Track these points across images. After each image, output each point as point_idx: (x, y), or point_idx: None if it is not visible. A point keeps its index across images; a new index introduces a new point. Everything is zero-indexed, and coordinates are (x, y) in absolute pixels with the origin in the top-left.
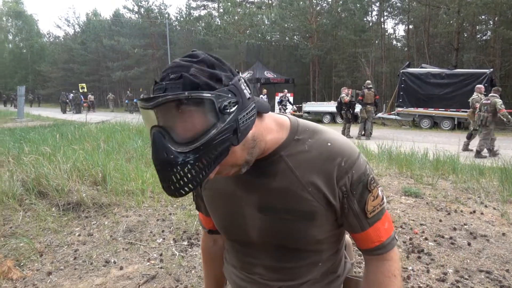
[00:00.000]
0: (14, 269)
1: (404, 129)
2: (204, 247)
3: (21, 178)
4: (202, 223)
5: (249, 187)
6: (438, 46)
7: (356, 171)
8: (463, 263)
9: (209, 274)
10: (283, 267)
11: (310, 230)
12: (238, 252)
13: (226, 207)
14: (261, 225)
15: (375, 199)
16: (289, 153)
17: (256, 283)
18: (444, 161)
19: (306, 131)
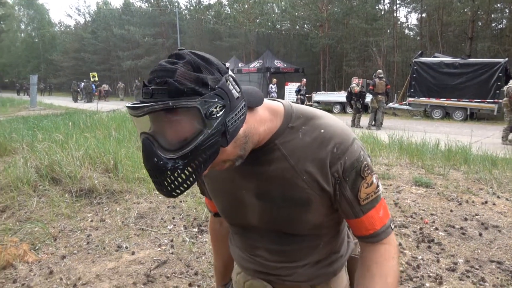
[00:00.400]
0: (30, 253)
1: (415, 120)
2: (212, 228)
3: (35, 164)
4: (208, 206)
5: (247, 175)
6: (451, 35)
7: (349, 157)
8: (474, 253)
9: (218, 253)
10: (284, 250)
11: (306, 216)
12: (241, 236)
13: (227, 194)
14: (260, 212)
15: (369, 186)
16: (283, 141)
17: (258, 264)
18: (456, 151)
19: (300, 118)
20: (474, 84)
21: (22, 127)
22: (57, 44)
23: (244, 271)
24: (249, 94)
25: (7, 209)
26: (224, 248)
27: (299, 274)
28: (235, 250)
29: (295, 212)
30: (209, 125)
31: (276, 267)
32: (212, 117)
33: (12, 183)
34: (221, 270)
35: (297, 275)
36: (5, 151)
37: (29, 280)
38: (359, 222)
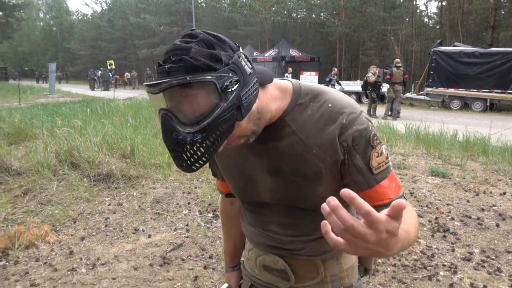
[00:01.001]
0: (51, 233)
1: (433, 110)
2: (223, 209)
3: (55, 150)
4: (219, 187)
5: (259, 152)
6: (472, 24)
7: (358, 127)
8: (490, 243)
9: (228, 235)
10: (296, 224)
11: (316, 189)
12: (253, 212)
13: (240, 172)
14: (272, 187)
15: (380, 156)
16: (292, 118)
17: (271, 239)
18: (474, 142)
19: (308, 95)
20: (495, 74)
21: (42, 113)
22: (75, 32)
23: (256, 247)
24: (260, 72)
25: (29, 192)
26: (234, 230)
27: (311, 248)
28: (247, 227)
29: (306, 186)
30: (224, 99)
31: (288, 241)
32: (227, 91)
33: (33, 167)
34: (231, 252)
35: (308, 249)
36: (26, 136)
37: (50, 259)
38: (373, 191)
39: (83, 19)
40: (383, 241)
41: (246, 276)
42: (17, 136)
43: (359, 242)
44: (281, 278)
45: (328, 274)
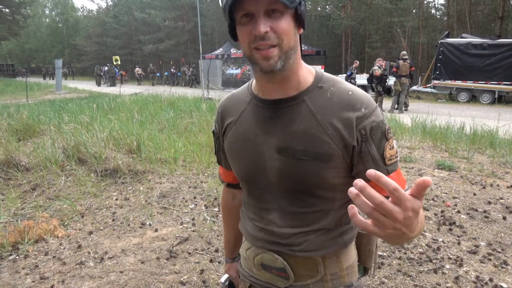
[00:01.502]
0: (59, 228)
1: (440, 103)
2: (224, 201)
3: (62, 145)
4: (221, 177)
5: (270, 130)
6: (480, 15)
7: (376, 118)
8: (496, 236)
9: (229, 226)
10: (297, 212)
11: (326, 172)
12: (255, 198)
13: (247, 152)
14: (279, 167)
15: (392, 149)
16: (311, 98)
17: (270, 233)
18: (481, 135)
19: (330, 81)
20: (503, 66)
21: (49, 109)
22: (80, 29)
23: (255, 245)
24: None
25: (37, 187)
26: (235, 221)
27: (310, 242)
28: (246, 223)
29: (315, 166)
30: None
31: (288, 234)
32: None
33: (41, 162)
34: (231, 242)
35: (308, 243)
36: (34, 132)
37: (59, 253)
38: None
39: (89, 15)
40: (408, 219)
41: (244, 276)
42: (25, 132)
43: (387, 222)
44: (280, 276)
45: (327, 272)
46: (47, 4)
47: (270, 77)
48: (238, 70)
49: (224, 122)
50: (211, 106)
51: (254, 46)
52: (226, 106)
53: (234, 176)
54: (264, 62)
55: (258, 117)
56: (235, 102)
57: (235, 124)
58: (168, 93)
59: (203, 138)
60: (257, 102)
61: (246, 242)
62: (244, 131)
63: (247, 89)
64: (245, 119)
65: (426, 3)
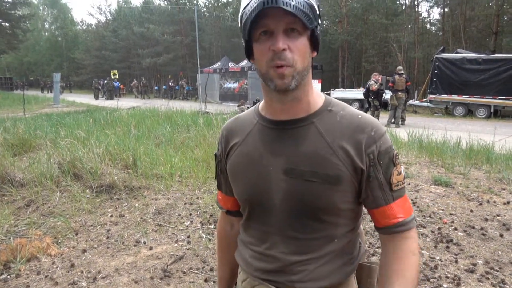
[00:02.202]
0: (53, 246)
1: (436, 117)
2: (221, 231)
3: (58, 160)
4: (220, 203)
5: (277, 151)
6: (475, 30)
7: (384, 143)
8: (494, 254)
9: (225, 259)
10: (300, 238)
11: (334, 195)
12: (257, 221)
13: (252, 173)
14: (286, 188)
15: (399, 175)
16: (320, 121)
17: (271, 260)
18: (477, 150)
19: (339, 105)
20: (498, 81)
21: (46, 124)
22: (79, 42)
23: (251, 275)
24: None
25: (31, 203)
26: (232, 253)
27: (310, 271)
28: (244, 250)
29: (324, 189)
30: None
31: (289, 262)
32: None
33: (36, 178)
34: (227, 278)
35: (307, 272)
36: (30, 147)
37: (51, 272)
38: (389, 209)
39: (88, 29)
40: None
41: None
42: (21, 147)
43: None
44: None
45: None
46: (46, 18)
47: (282, 97)
48: (236, 84)
49: (229, 144)
50: (208, 120)
51: (271, 65)
52: (231, 128)
53: (234, 202)
54: (279, 80)
55: (265, 138)
56: (241, 124)
57: (240, 146)
58: (165, 107)
59: (199, 153)
60: (264, 123)
61: (242, 272)
62: (249, 152)
63: (253, 111)
64: (251, 140)
65: (421, 19)
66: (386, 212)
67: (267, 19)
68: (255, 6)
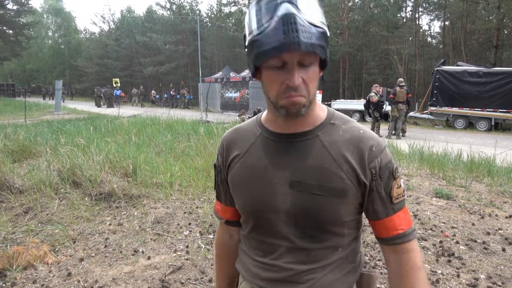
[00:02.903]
0: (50, 254)
1: (437, 129)
2: (220, 241)
3: (57, 168)
4: (218, 214)
5: (281, 164)
6: (475, 43)
7: (384, 157)
8: (496, 269)
9: (223, 271)
10: (307, 248)
11: (340, 208)
12: (262, 233)
13: (256, 185)
14: (292, 201)
15: (399, 188)
16: (325, 134)
17: (275, 269)
18: (479, 163)
19: (341, 119)
20: (499, 94)
21: (46, 130)
22: (82, 50)
23: (254, 284)
24: None
25: (30, 211)
26: (231, 265)
27: (316, 280)
28: (246, 260)
29: (330, 202)
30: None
31: (297, 271)
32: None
33: (35, 185)
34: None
35: (313, 281)
36: (30, 154)
37: (48, 281)
38: (389, 221)
39: (91, 38)
40: None
41: None
42: (21, 153)
43: None
44: None
45: None
46: (50, 26)
47: (290, 119)
48: (237, 94)
49: (230, 155)
50: (209, 129)
51: (284, 96)
52: (232, 138)
53: (233, 212)
54: (292, 106)
55: (269, 150)
56: (242, 135)
57: (242, 157)
58: (166, 116)
59: (200, 162)
60: (268, 136)
61: (245, 283)
62: (252, 164)
63: (255, 122)
64: (254, 152)
65: (422, 32)
66: (387, 224)
67: (284, 53)
68: (275, 45)
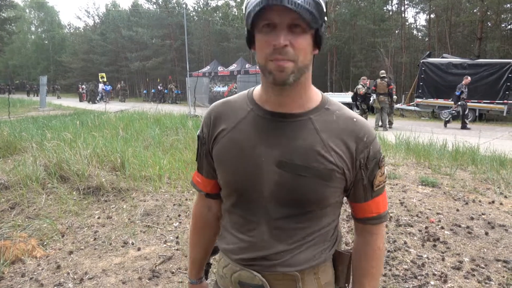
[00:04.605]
0: (38, 248)
1: (423, 120)
2: (198, 212)
3: (44, 163)
4: (198, 186)
5: (271, 143)
6: (460, 36)
7: (373, 148)
8: (479, 252)
9: (199, 242)
10: (287, 228)
11: (324, 191)
12: (244, 210)
13: (243, 162)
14: (277, 181)
15: (382, 176)
16: (318, 118)
17: (254, 246)
18: (463, 152)
19: (335, 105)
20: (483, 85)
21: (31, 126)
22: (67, 45)
23: (233, 261)
24: None
25: (16, 206)
26: (207, 236)
27: (293, 256)
28: (227, 236)
29: (315, 184)
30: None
31: (275, 251)
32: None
33: (21, 180)
34: (201, 261)
35: (290, 257)
36: (15, 149)
37: (37, 274)
38: (366, 205)
39: (75, 32)
40: None
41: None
42: (6, 149)
43: None
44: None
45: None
46: (33, 21)
47: (280, 90)
48: (225, 88)
49: (217, 128)
50: (197, 123)
51: (271, 58)
52: (220, 111)
53: (214, 185)
54: (278, 73)
55: (260, 128)
56: (231, 109)
57: (230, 132)
58: (154, 110)
59: (188, 155)
60: (260, 113)
61: (223, 259)
62: (241, 140)
63: (246, 97)
64: (244, 128)
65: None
66: (364, 207)
67: (272, 13)
68: (259, 1)
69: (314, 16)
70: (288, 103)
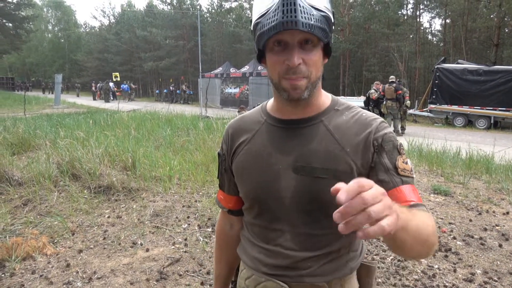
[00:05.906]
0: (49, 245)
1: (437, 127)
2: (221, 230)
3: (57, 161)
4: (221, 203)
5: (286, 149)
6: (476, 42)
7: (388, 132)
8: (492, 264)
9: (223, 259)
10: (311, 234)
11: None
12: (265, 220)
13: (260, 171)
14: (296, 186)
15: (405, 163)
16: (329, 120)
17: (279, 256)
18: (477, 160)
19: (344, 104)
20: (499, 92)
21: (46, 124)
22: (82, 44)
23: (258, 271)
24: None
25: (29, 203)
26: (231, 253)
27: (319, 266)
28: (249, 247)
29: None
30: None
31: (300, 258)
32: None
33: (34, 177)
34: (225, 277)
35: (317, 267)
36: (29, 146)
37: (47, 272)
38: (398, 191)
39: (91, 32)
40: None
41: None
42: (20, 146)
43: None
44: None
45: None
46: (50, 20)
47: (295, 103)
48: (237, 90)
49: (235, 142)
50: (209, 124)
51: (285, 77)
52: (237, 126)
53: (236, 201)
54: (293, 91)
55: (273, 136)
56: (247, 123)
57: (247, 144)
58: (166, 110)
59: (199, 156)
60: (273, 122)
61: (246, 270)
62: (257, 151)
63: (260, 110)
64: (259, 139)
65: (423, 29)
66: (396, 194)
67: (284, 33)
68: (273, 25)
69: (325, 31)
70: (300, 110)
